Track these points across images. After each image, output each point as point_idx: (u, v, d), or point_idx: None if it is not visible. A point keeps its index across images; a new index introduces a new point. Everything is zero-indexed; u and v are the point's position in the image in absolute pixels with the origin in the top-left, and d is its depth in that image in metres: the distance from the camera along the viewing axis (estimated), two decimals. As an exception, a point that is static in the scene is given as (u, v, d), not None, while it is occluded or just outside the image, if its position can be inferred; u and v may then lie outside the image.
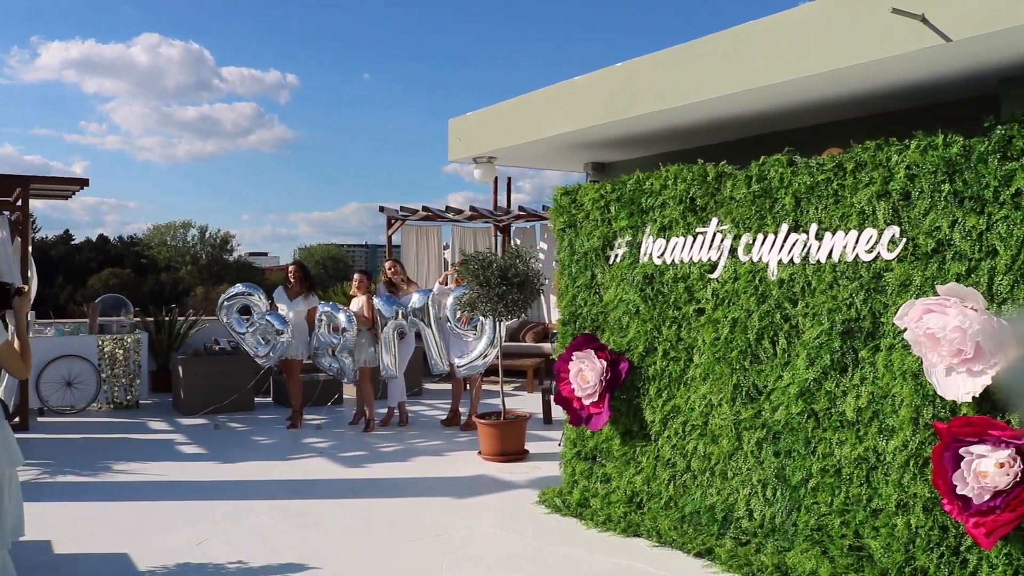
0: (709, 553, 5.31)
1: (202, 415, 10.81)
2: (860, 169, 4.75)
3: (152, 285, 52.91)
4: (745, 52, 5.14)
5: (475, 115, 7.77)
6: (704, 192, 5.60)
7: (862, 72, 4.77)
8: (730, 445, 5.43)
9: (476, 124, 7.72)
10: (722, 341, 5.46)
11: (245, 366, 11.13)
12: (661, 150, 7.40)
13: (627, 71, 6.04)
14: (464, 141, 7.82)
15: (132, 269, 57.98)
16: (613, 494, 6.23)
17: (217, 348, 11.96)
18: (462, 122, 7.91)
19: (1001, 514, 3.96)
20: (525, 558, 5.43)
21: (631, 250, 6.13)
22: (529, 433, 8.94)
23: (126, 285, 47.70)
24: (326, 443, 9.13)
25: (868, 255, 4.70)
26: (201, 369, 11.10)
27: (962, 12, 4.17)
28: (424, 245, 15.51)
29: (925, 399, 4.45)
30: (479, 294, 8.01)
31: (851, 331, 4.78)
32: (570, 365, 6.29)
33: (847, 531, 4.79)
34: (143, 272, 59.06)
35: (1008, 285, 4.16)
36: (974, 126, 4.40)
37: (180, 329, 13.42)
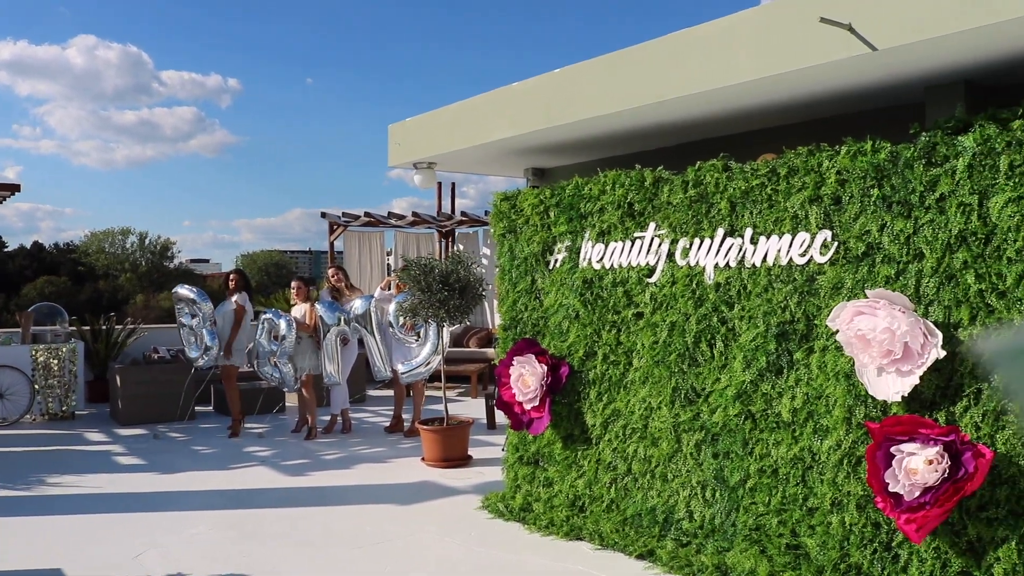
0: (651, 555, 5.36)
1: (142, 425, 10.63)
2: (793, 174, 4.84)
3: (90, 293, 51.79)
4: (680, 59, 5.21)
5: (415, 120, 7.76)
6: (642, 197, 5.66)
7: (793, 79, 4.86)
8: (670, 447, 5.49)
9: (416, 129, 7.71)
10: (661, 345, 5.52)
11: (185, 374, 10.97)
12: (600, 155, 7.46)
13: (565, 77, 6.08)
14: (404, 146, 7.81)
15: (69, 277, 56.67)
16: (555, 498, 6.25)
17: (156, 357, 11.76)
18: (402, 127, 7.89)
19: (930, 509, 4.06)
20: (467, 564, 5.43)
21: (571, 255, 6.17)
22: (473, 439, 8.94)
23: (62, 293, 46.64)
24: (268, 452, 9.03)
25: (801, 259, 4.79)
26: (139, 378, 10.90)
27: (887, 22, 4.28)
28: (367, 251, 15.43)
29: (857, 399, 4.55)
30: (420, 300, 7.99)
31: (786, 333, 4.87)
32: (511, 370, 6.30)
33: (784, 530, 4.87)
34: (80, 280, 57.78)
35: (934, 287, 4.27)
36: (901, 133, 4.51)
37: (118, 338, 13.17)
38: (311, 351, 9.78)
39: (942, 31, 4.09)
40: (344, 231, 14.94)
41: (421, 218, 14.77)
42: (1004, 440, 4.04)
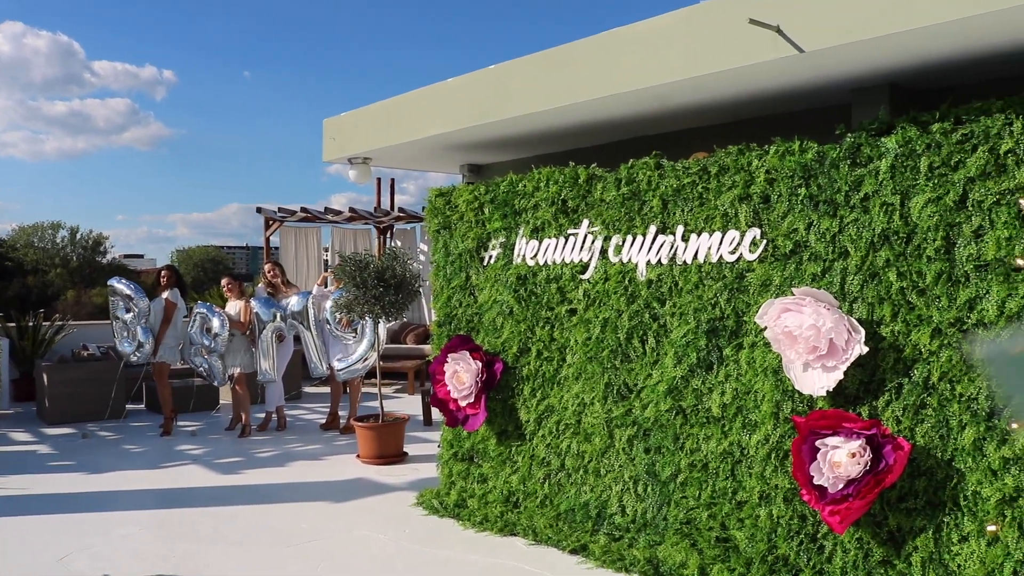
0: (584, 549, 5.40)
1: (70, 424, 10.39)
2: (723, 173, 4.91)
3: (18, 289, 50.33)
4: (612, 58, 5.25)
5: (350, 115, 7.70)
6: (575, 194, 5.69)
7: (723, 79, 4.93)
8: (602, 443, 5.53)
9: (351, 124, 7.65)
10: (594, 341, 5.56)
11: (115, 372, 10.75)
12: (536, 152, 7.48)
13: (499, 73, 6.09)
14: (339, 141, 7.74)
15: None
16: (490, 494, 6.27)
17: (86, 354, 11.50)
18: (337, 122, 7.82)
19: (853, 501, 4.15)
20: (401, 561, 5.42)
21: (505, 251, 6.18)
22: (409, 435, 8.91)
23: (-12, 289, 45.29)
24: (200, 450, 8.89)
25: (731, 256, 4.87)
26: (67, 376, 10.65)
27: (815, 25, 4.35)
28: (303, 247, 15.28)
29: (785, 394, 4.63)
30: (356, 296, 7.94)
31: (716, 330, 4.94)
32: (445, 367, 6.30)
33: (714, 523, 4.95)
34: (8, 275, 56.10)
35: (858, 284, 4.37)
36: (829, 134, 4.60)
37: (45, 335, 12.84)
38: (244, 348, 9.65)
39: (867, 35, 4.18)
40: (280, 227, 14.76)
41: (358, 214, 14.66)
42: (923, 433, 4.15)
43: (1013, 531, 3.85)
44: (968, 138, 4.05)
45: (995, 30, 4.09)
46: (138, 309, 9.61)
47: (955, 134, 4.09)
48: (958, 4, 3.86)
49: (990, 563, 3.92)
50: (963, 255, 4.04)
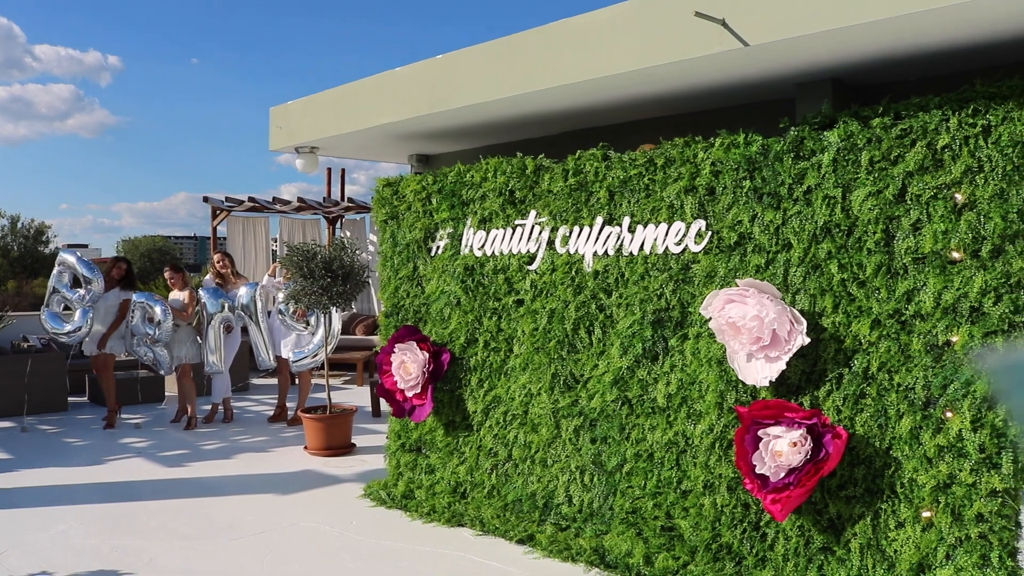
0: (531, 539, 5.42)
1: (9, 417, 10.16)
2: (669, 165, 4.94)
3: (-45, 279, 49.17)
4: (560, 49, 5.25)
5: (297, 103, 7.62)
6: (523, 185, 5.70)
7: (670, 71, 4.96)
8: (549, 433, 5.55)
9: (298, 113, 7.57)
10: (540, 331, 5.58)
11: (56, 364, 10.53)
12: (484, 143, 7.46)
13: (448, 63, 6.06)
14: (286, 130, 7.66)
15: (-69, 262, 53.64)
16: (437, 485, 6.26)
17: (26, 345, 11.25)
18: (284, 111, 7.74)
19: (794, 490, 4.22)
20: (347, 552, 5.39)
21: (452, 242, 6.17)
22: (357, 427, 8.88)
23: (-76, 279, 44.12)
24: (145, 443, 8.76)
25: (677, 247, 4.90)
26: (5, 368, 10.40)
27: (759, 19, 4.39)
28: (251, 237, 15.10)
29: (729, 384, 4.69)
30: (303, 286, 7.87)
31: (661, 320, 4.98)
32: (392, 357, 6.27)
33: (659, 512, 4.99)
34: (-56, 265, 54.77)
35: (801, 276, 4.43)
36: (774, 127, 4.65)
37: (-17, 326, 12.54)
38: (190, 339, 9.52)
39: (810, 29, 4.23)
40: (228, 216, 14.58)
41: (307, 204, 14.53)
42: (862, 422, 4.23)
43: (947, 517, 3.94)
44: (907, 133, 4.13)
45: (933, 28, 4.16)
46: (92, 292, 9.38)
47: (894, 129, 4.16)
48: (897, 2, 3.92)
49: (924, 548, 4.01)
50: (902, 248, 4.12)
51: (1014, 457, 3.80)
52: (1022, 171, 3.80)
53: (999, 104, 3.88)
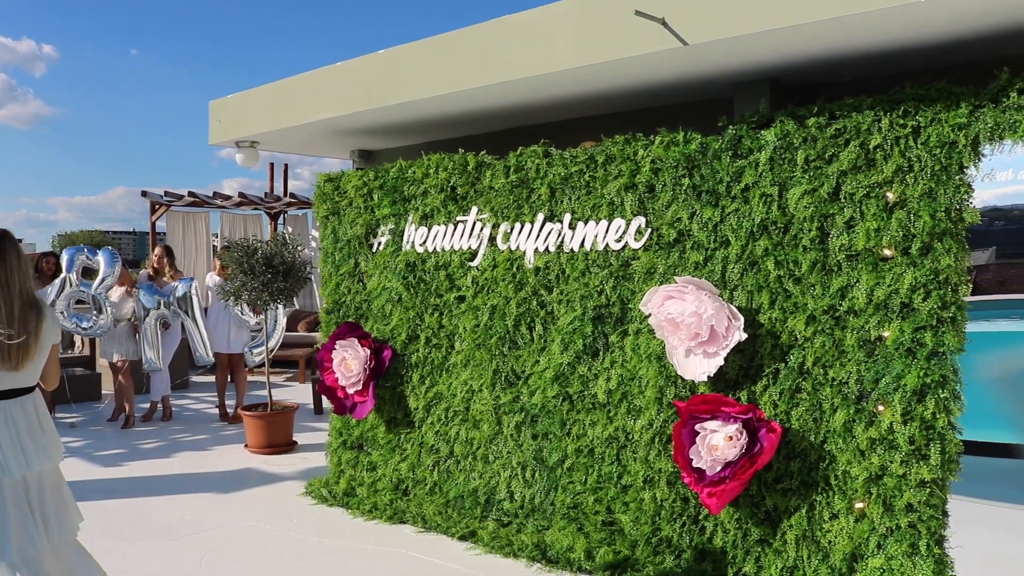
0: (473, 536, 5.43)
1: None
2: (610, 162, 4.98)
3: None
4: (501, 45, 5.26)
5: (237, 97, 7.52)
6: (465, 181, 5.69)
7: (610, 70, 4.99)
8: (491, 429, 5.56)
9: (238, 107, 7.47)
10: (482, 328, 5.58)
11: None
12: (427, 139, 7.44)
13: (388, 59, 6.03)
14: (225, 124, 7.55)
15: None
16: (379, 482, 6.23)
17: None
18: (224, 104, 7.63)
19: (730, 483, 4.28)
20: (289, 550, 5.34)
21: (394, 238, 6.14)
22: (299, 424, 8.80)
23: None
24: (81, 442, 8.58)
25: (617, 244, 4.94)
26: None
27: (698, 19, 4.44)
28: (192, 232, 14.87)
29: (668, 380, 4.74)
30: (243, 282, 7.78)
31: (602, 317, 5.02)
32: (333, 354, 6.23)
33: (600, 507, 5.03)
34: None
35: (738, 273, 4.49)
36: (713, 126, 4.71)
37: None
38: (127, 336, 9.34)
39: (747, 30, 4.28)
40: (167, 211, 14.35)
41: (248, 199, 14.36)
42: (798, 416, 4.31)
43: (878, 507, 4.03)
44: (841, 133, 4.21)
45: (866, 31, 4.25)
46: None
47: (829, 129, 4.24)
48: (830, 4, 4.00)
49: (857, 538, 4.10)
50: (836, 245, 4.20)
51: (942, 448, 3.90)
52: (949, 171, 3.90)
53: (928, 106, 3.98)
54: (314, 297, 14.85)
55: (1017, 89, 3.77)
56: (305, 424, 9.20)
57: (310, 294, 14.94)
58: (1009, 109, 3.77)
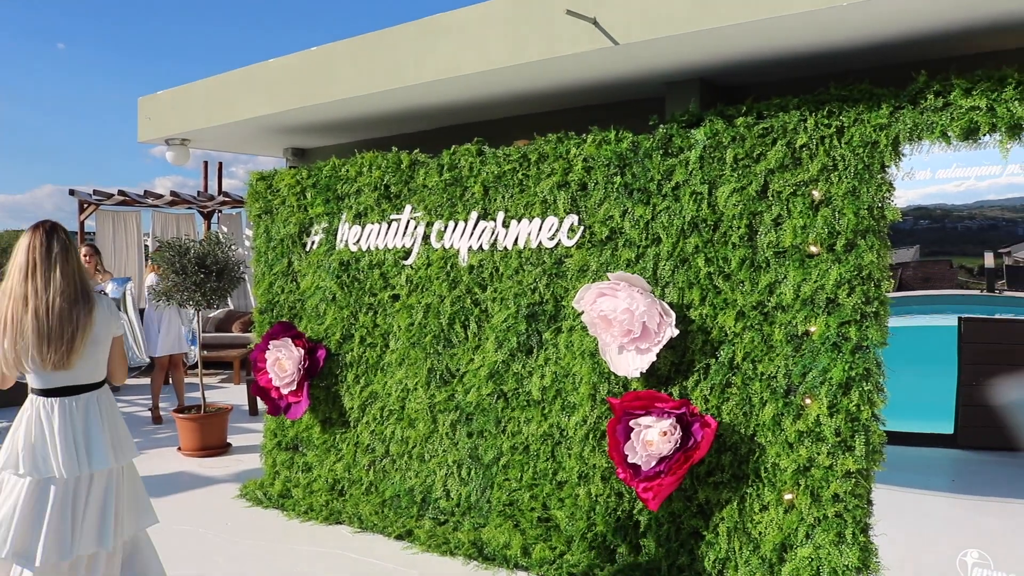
0: (409, 535, 5.42)
1: None
2: (543, 160, 5.01)
3: None
4: (434, 43, 5.25)
5: (166, 94, 7.38)
6: (398, 180, 5.68)
7: (542, 69, 5.01)
8: (426, 428, 5.56)
9: (168, 104, 7.34)
10: (416, 326, 5.57)
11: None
12: (360, 137, 7.40)
13: (321, 56, 5.98)
14: (155, 121, 7.41)
15: None
16: (315, 483, 6.19)
17: None
18: (153, 101, 7.48)
19: (665, 478, 4.33)
20: (222, 554, 5.28)
21: (327, 237, 6.10)
22: (233, 426, 8.69)
23: None
24: (4, 447, 8.36)
25: (550, 242, 4.97)
26: None
27: (629, 19, 4.48)
28: (122, 232, 14.57)
29: (601, 376, 4.78)
30: (175, 283, 7.66)
31: (535, 314, 5.04)
32: (267, 354, 6.16)
33: (536, 504, 5.06)
34: None
35: (670, 270, 4.55)
36: (645, 125, 4.76)
37: None
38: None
39: (675, 31, 4.33)
40: (96, 210, 14.03)
41: (181, 198, 14.11)
42: (728, 410, 4.38)
43: (806, 498, 4.12)
44: (768, 132, 4.29)
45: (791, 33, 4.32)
46: None
47: (757, 128, 4.32)
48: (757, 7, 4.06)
49: (787, 529, 4.19)
50: (764, 242, 4.28)
51: (866, 440, 4.00)
52: (872, 170, 4.00)
53: (851, 106, 4.08)
54: (248, 297, 14.66)
55: (934, 91, 3.88)
56: (240, 426, 9.09)
57: (244, 294, 14.74)
58: (927, 111, 3.88)
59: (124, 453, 3.74)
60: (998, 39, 4.47)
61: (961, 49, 4.63)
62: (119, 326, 3.77)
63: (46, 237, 3.59)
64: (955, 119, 3.81)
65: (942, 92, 3.87)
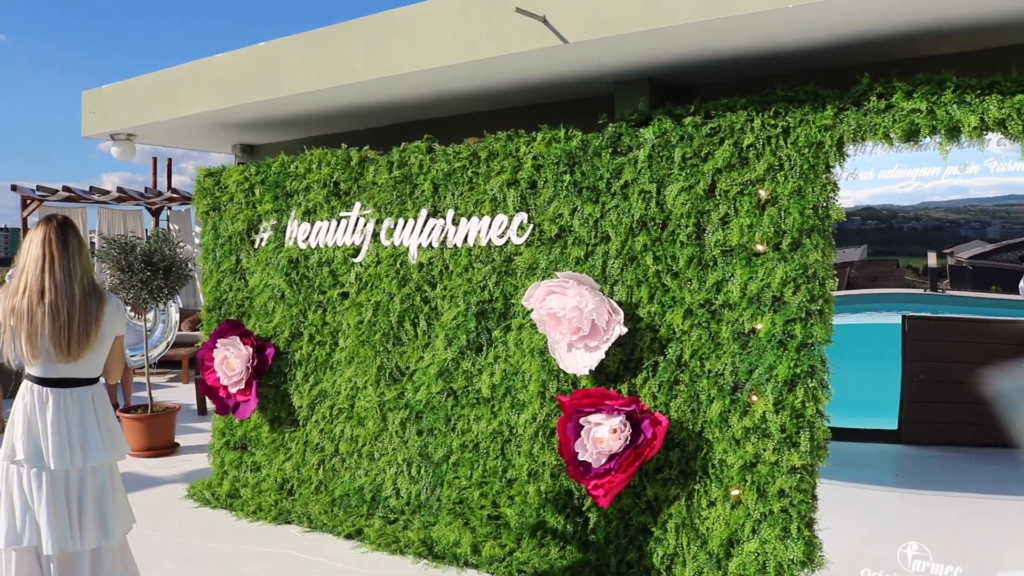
0: (359, 534, 5.39)
1: None
2: (493, 158, 5.00)
3: None
4: (385, 40, 5.22)
5: (112, 88, 7.27)
6: (348, 177, 5.64)
7: (492, 67, 5.01)
8: (376, 427, 5.53)
9: (113, 98, 7.22)
10: (366, 324, 5.54)
11: None
12: (311, 133, 7.34)
13: (271, 51, 5.93)
14: (99, 115, 7.29)
15: None
16: (264, 482, 6.13)
17: None
18: (97, 95, 7.36)
19: (616, 475, 4.35)
20: (168, 556, 5.20)
21: (276, 234, 6.05)
22: (182, 425, 8.57)
23: None
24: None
25: (500, 240, 4.97)
26: None
27: (579, 17, 4.50)
28: (67, 228, 14.28)
29: (551, 374, 4.79)
30: (121, 280, 7.54)
31: (485, 312, 5.04)
32: (215, 353, 6.08)
33: (486, 502, 5.06)
34: None
35: (618, 268, 4.58)
36: (595, 123, 4.78)
37: None
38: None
39: (624, 30, 4.36)
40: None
41: (128, 194, 13.88)
42: (676, 407, 4.41)
43: (752, 494, 4.17)
44: (716, 132, 4.33)
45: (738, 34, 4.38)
46: None
47: (705, 127, 4.36)
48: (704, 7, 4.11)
49: (733, 524, 4.24)
50: (711, 240, 4.32)
51: (811, 436, 4.06)
52: (817, 170, 4.05)
53: (797, 107, 4.13)
54: (198, 295, 14.47)
55: (876, 94, 3.94)
56: (188, 425, 8.97)
57: (194, 292, 14.55)
58: (870, 113, 3.94)
59: (117, 449, 3.73)
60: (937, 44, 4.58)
61: (903, 53, 4.73)
62: (123, 325, 3.76)
63: (60, 230, 3.56)
64: (897, 121, 3.88)
65: (884, 94, 3.94)
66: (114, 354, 3.76)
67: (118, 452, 3.74)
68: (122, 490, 3.84)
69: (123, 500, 3.82)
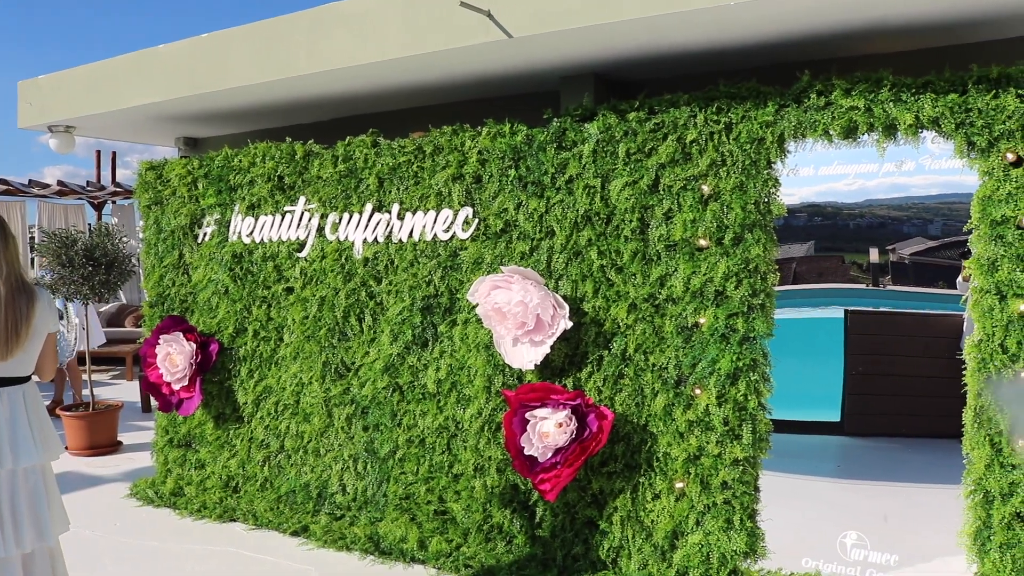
0: (305, 531, 5.35)
1: None
2: (438, 153, 4.99)
3: None
4: (328, 33, 5.18)
5: (49, 78, 7.10)
6: (292, 171, 5.59)
7: (437, 60, 5.00)
8: (321, 422, 5.49)
9: (51, 89, 7.07)
10: (311, 319, 5.50)
11: None
12: (255, 127, 7.25)
13: (212, 43, 5.84)
14: (37, 107, 7.13)
15: None
16: (208, 480, 6.06)
17: None
18: (34, 85, 7.19)
19: (562, 469, 4.37)
20: (109, 556, 5.13)
21: (220, 228, 5.97)
22: (125, 423, 8.45)
23: None
24: None
25: (445, 234, 4.96)
26: None
27: (523, 12, 4.50)
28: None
29: (496, 369, 4.80)
30: (61, 276, 7.38)
31: (431, 307, 5.03)
32: (157, 349, 5.99)
33: (432, 497, 5.05)
34: None
35: (563, 262, 4.59)
36: (540, 118, 4.79)
37: None
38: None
39: (569, 25, 4.37)
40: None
41: (69, 188, 13.62)
42: (621, 401, 4.45)
43: (696, 486, 4.22)
44: (660, 127, 4.36)
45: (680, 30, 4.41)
46: None
47: (649, 123, 4.38)
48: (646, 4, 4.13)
49: (678, 516, 4.29)
50: (655, 235, 4.35)
51: (753, 428, 4.12)
52: (759, 165, 4.10)
53: (739, 104, 4.17)
54: (142, 291, 14.25)
55: (816, 91, 4.00)
56: (132, 423, 8.83)
57: (137, 288, 14.33)
58: (810, 109, 4.00)
59: (51, 449, 3.65)
60: (875, 43, 4.66)
61: (842, 51, 4.81)
62: (55, 322, 3.67)
63: None
64: (836, 118, 3.94)
65: (824, 92, 3.99)
66: (47, 351, 3.68)
67: (52, 452, 3.66)
68: (57, 491, 3.76)
69: (58, 501, 3.74)
